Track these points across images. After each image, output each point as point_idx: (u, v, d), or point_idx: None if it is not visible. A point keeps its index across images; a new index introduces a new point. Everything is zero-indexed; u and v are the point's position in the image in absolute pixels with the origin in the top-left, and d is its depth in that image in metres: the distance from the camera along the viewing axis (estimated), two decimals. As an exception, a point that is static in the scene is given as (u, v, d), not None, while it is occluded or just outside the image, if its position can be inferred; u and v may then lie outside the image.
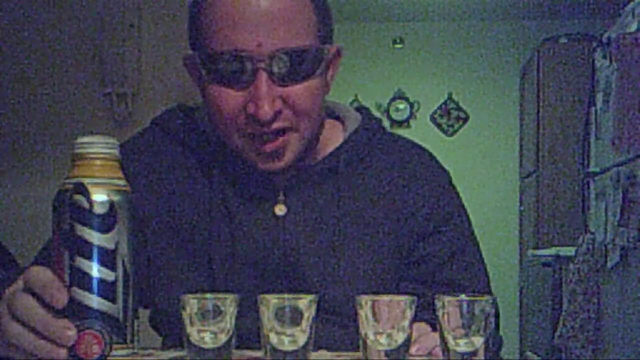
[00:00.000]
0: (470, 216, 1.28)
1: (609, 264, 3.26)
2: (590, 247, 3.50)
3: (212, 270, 1.14)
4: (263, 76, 1.04)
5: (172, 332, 1.19)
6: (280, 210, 1.15)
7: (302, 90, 1.08)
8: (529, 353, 4.98)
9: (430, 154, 1.28)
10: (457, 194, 1.27)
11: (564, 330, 3.54)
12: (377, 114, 1.31)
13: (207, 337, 0.81)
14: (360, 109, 1.28)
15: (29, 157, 3.15)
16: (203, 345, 0.81)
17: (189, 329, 0.81)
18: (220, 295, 0.82)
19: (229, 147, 1.14)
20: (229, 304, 0.82)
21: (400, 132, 1.87)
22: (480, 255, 1.25)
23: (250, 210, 1.15)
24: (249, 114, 1.06)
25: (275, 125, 1.07)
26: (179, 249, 1.16)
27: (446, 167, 1.30)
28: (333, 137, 1.23)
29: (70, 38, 3.17)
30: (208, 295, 0.83)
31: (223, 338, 0.81)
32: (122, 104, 3.14)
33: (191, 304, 0.81)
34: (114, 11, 3.14)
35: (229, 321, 0.82)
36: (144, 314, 1.21)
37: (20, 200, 3.07)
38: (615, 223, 3.13)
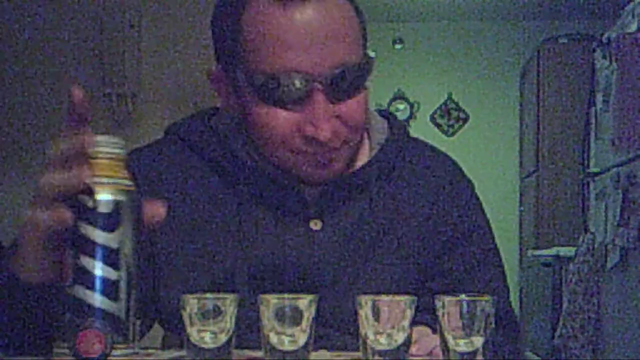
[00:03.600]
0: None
1: (609, 264, 3.26)
2: (590, 247, 3.50)
3: (236, 284, 1.12)
4: (320, 96, 1.02)
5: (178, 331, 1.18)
6: (315, 225, 1.14)
7: (355, 105, 1.06)
8: (529, 353, 4.98)
9: (456, 164, 1.27)
10: (481, 205, 1.25)
11: (564, 330, 3.54)
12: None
13: (207, 337, 0.81)
14: (384, 113, 1.27)
15: (29, 157, 3.16)
16: (203, 345, 0.81)
17: (189, 329, 0.81)
18: (220, 295, 0.82)
19: (272, 162, 1.11)
20: (229, 304, 0.82)
21: (400, 132, 1.85)
22: (502, 269, 1.23)
23: (283, 224, 1.13)
24: (306, 135, 1.04)
25: (333, 145, 1.06)
26: (202, 262, 1.13)
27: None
28: (359, 145, 1.21)
29: (70, 38, 3.17)
30: (208, 295, 0.82)
31: (223, 338, 0.81)
32: (122, 104, 3.14)
33: (191, 304, 0.81)
34: (114, 11, 3.14)
35: (229, 321, 0.82)
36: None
37: (20, 200, 3.07)
38: (615, 223, 3.14)
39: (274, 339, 0.81)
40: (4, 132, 3.17)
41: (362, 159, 1.19)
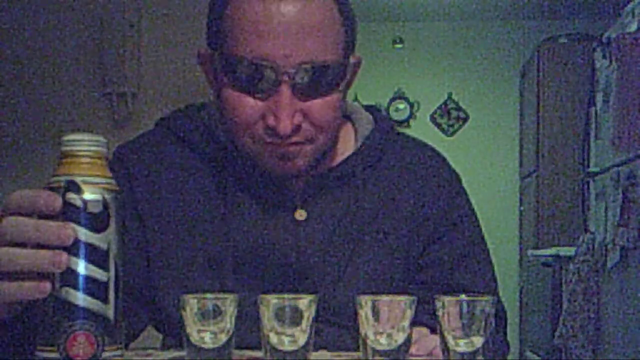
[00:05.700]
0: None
1: (609, 264, 3.26)
2: (590, 247, 3.50)
3: (222, 273, 1.13)
4: (286, 89, 1.03)
5: (174, 332, 1.18)
6: (300, 215, 1.15)
7: (323, 104, 1.06)
8: (529, 353, 4.98)
9: (441, 156, 1.28)
10: (468, 197, 1.26)
11: (564, 330, 3.54)
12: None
13: (207, 337, 0.81)
14: (371, 109, 1.27)
15: (29, 157, 3.15)
16: (203, 345, 0.81)
17: (189, 329, 0.81)
18: (220, 295, 0.82)
19: (240, 150, 1.12)
20: (229, 304, 0.82)
21: (400, 132, 1.85)
22: (489, 259, 1.24)
23: (269, 215, 1.14)
24: (267, 125, 1.05)
25: (294, 139, 1.06)
26: (189, 250, 1.14)
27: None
28: (344, 139, 1.22)
29: (70, 38, 3.17)
30: (208, 295, 0.82)
31: (223, 338, 0.81)
32: (122, 104, 3.14)
33: (191, 304, 0.81)
34: (114, 11, 3.14)
35: (229, 321, 0.81)
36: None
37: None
38: (615, 223, 3.14)
39: (274, 339, 0.81)
40: (4, 132, 3.16)
41: (347, 151, 1.20)
